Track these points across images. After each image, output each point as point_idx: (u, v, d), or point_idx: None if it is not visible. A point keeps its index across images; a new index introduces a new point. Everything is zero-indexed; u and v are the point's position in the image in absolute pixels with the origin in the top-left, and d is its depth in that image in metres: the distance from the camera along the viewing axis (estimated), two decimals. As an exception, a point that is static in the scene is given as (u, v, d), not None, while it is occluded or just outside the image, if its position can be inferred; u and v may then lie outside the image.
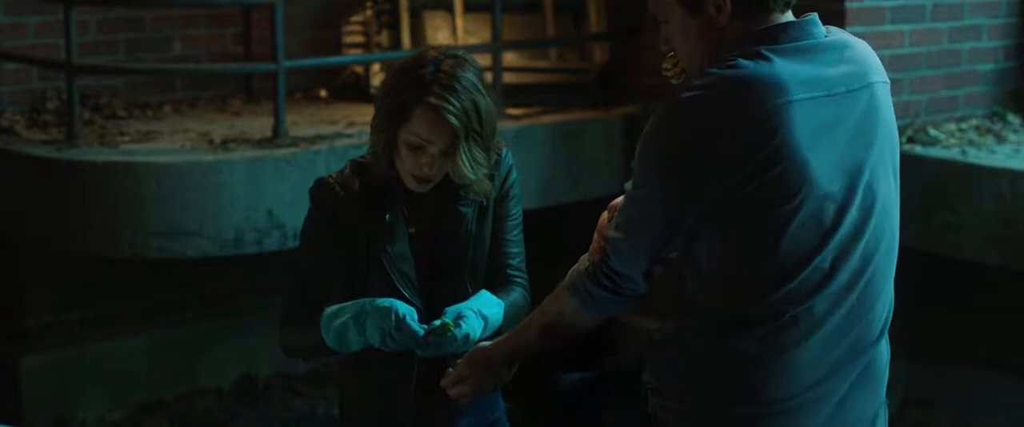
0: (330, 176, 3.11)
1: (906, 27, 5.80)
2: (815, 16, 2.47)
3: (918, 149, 5.66)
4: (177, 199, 5.21)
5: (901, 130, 5.80)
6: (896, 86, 5.80)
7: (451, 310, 2.97)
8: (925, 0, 5.85)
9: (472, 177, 2.96)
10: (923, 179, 5.56)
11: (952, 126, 5.95)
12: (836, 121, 2.38)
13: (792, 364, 2.40)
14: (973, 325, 5.89)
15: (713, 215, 2.35)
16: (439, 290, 3.10)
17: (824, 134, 2.35)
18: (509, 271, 3.17)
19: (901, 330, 5.85)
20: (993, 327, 5.84)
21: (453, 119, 2.92)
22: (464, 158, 2.94)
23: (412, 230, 3.09)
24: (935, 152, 5.61)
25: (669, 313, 2.48)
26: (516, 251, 3.19)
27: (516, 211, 3.20)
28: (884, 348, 2.54)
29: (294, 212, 5.33)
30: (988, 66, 6.16)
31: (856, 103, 2.42)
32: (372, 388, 3.14)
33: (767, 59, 2.36)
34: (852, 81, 2.43)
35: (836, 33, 2.51)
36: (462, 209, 3.09)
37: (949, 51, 6.00)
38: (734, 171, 2.31)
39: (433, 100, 2.92)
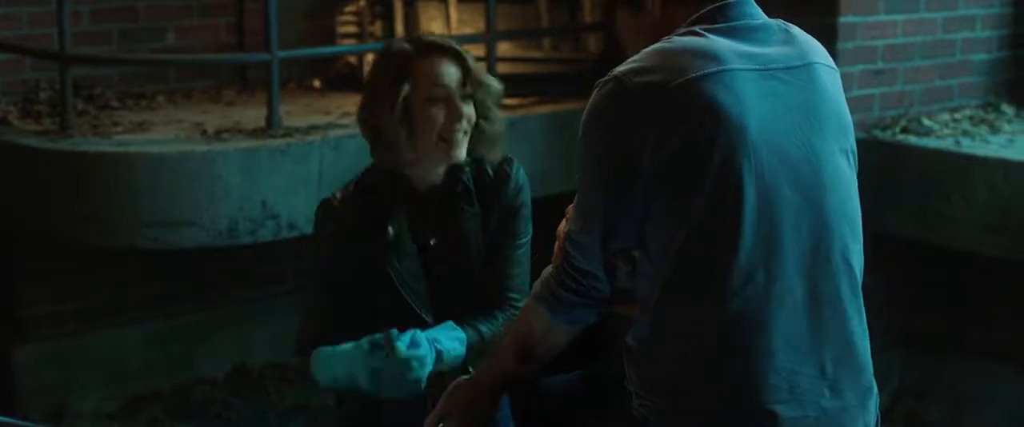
0: (333, 194, 3.08)
1: (899, 17, 5.80)
2: None
3: (912, 139, 5.66)
4: (171, 189, 5.21)
5: (895, 120, 5.82)
6: (890, 76, 5.83)
7: (405, 334, 2.90)
8: (919, -10, 5.87)
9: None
10: (917, 169, 5.56)
11: (946, 116, 5.95)
12: (774, 94, 2.38)
13: (761, 348, 2.37)
14: (967, 315, 5.90)
15: (656, 190, 2.34)
16: (448, 304, 3.05)
17: (762, 104, 2.35)
18: (503, 293, 3.07)
19: (895, 320, 5.89)
20: (987, 317, 5.85)
21: (456, 48, 2.98)
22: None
23: (421, 244, 3.05)
24: (929, 142, 5.62)
25: (639, 317, 2.47)
26: (516, 272, 3.09)
27: (523, 230, 3.11)
28: (859, 326, 2.50)
29: (288, 202, 5.33)
30: (982, 56, 6.17)
31: (795, 80, 2.42)
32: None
33: (701, 35, 2.39)
34: (791, 59, 2.44)
35: (778, 20, 2.51)
36: (467, 222, 3.05)
37: (943, 41, 6.00)
38: (670, 137, 2.31)
39: (429, 40, 3.00)
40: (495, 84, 3.06)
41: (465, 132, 3.00)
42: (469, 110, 2.99)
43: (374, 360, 2.89)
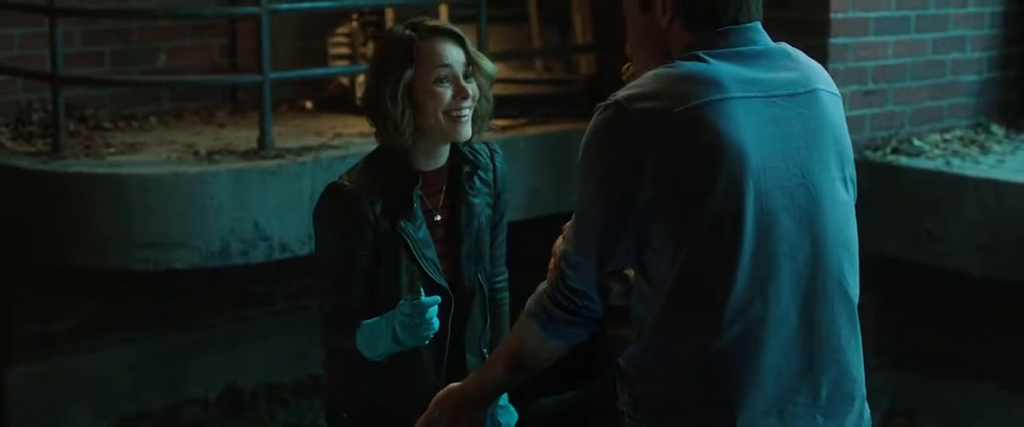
0: (341, 177, 3.16)
1: (890, 38, 5.82)
2: (757, 24, 2.49)
3: (903, 160, 5.68)
4: (163, 211, 5.21)
5: (885, 141, 5.83)
6: (880, 97, 5.85)
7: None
8: (909, 11, 5.88)
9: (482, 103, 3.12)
10: (908, 190, 5.57)
11: (936, 137, 5.97)
12: (775, 121, 2.39)
13: (756, 374, 2.38)
14: (958, 335, 5.91)
15: (654, 216, 2.35)
16: (456, 267, 3.19)
17: (762, 132, 2.36)
18: (501, 264, 3.32)
19: (887, 339, 5.89)
20: (977, 337, 5.85)
21: (457, 32, 3.10)
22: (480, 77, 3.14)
23: (436, 218, 3.17)
24: (920, 163, 5.63)
25: (633, 339, 2.48)
26: (503, 252, 3.33)
27: (507, 213, 3.33)
28: (854, 354, 2.51)
29: (280, 223, 5.33)
30: (972, 77, 6.19)
31: (797, 107, 2.43)
32: (398, 383, 3.17)
33: (704, 61, 2.39)
34: (794, 86, 2.44)
35: (782, 44, 2.52)
36: (474, 200, 3.19)
37: (933, 62, 6.02)
38: (670, 163, 2.32)
39: (430, 23, 3.10)
40: (490, 65, 3.21)
41: (470, 109, 3.12)
42: (473, 89, 3.13)
43: (400, 313, 3.02)
